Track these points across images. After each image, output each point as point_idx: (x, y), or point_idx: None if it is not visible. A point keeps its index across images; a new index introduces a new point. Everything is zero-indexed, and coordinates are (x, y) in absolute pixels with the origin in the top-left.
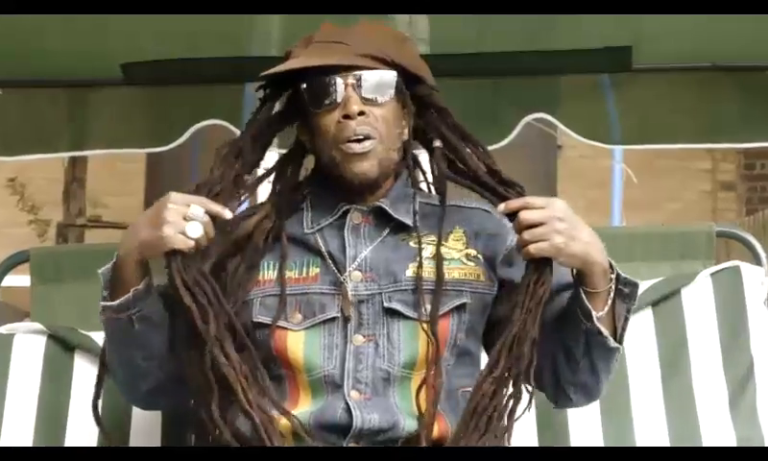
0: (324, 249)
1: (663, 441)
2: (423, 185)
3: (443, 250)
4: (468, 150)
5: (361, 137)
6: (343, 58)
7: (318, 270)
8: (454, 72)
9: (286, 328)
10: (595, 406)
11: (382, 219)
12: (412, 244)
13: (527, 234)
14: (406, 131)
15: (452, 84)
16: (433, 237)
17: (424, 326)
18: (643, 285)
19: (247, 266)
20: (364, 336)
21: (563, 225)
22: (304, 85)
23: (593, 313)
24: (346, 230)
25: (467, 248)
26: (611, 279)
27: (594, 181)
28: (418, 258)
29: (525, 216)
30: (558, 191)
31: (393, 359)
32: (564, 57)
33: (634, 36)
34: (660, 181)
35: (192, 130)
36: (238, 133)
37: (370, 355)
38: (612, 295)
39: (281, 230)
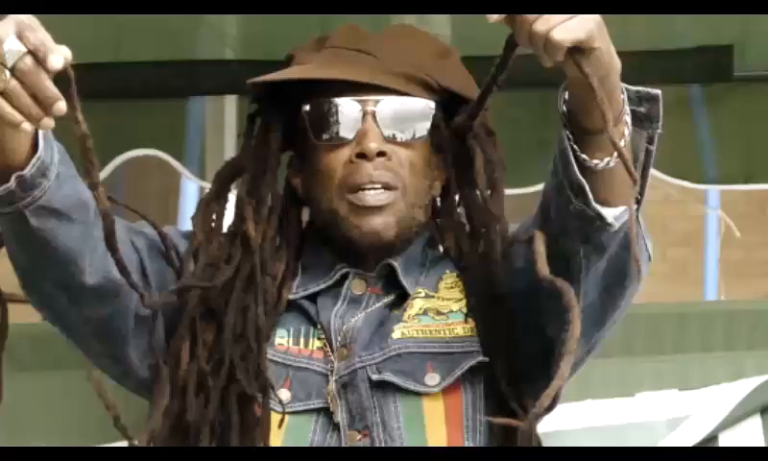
0: (316, 319)
1: None
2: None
3: (437, 304)
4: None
5: (378, 186)
6: (368, 73)
7: (321, 344)
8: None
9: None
10: None
11: (390, 285)
12: (397, 311)
13: (542, 25)
14: (437, 183)
15: None
16: (419, 289)
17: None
18: (749, 384)
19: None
20: (359, 432)
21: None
22: (307, 107)
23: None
24: (341, 302)
25: (466, 296)
26: (622, 101)
27: (680, 236)
28: (405, 315)
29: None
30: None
31: None
32: (637, 61)
33: (736, 33)
34: None
35: (115, 162)
36: (179, 167)
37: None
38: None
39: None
